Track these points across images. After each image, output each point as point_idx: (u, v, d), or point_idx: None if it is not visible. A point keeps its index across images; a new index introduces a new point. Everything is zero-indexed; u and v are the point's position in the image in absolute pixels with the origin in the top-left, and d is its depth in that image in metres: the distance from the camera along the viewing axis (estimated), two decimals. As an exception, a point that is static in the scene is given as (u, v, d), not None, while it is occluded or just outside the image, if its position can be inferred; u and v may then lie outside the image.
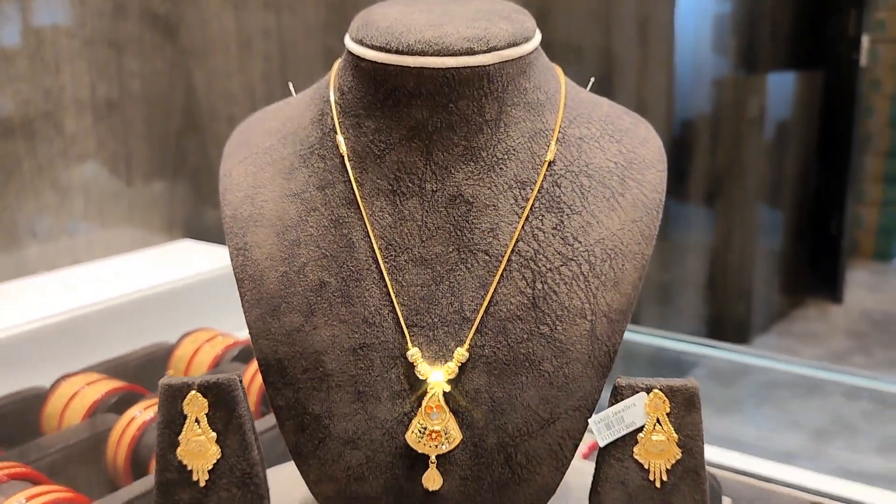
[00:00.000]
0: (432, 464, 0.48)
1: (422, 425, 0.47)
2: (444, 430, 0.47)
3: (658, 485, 0.48)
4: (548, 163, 0.50)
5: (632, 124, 0.55)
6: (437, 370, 0.48)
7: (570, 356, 0.48)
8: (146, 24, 1.33)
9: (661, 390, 0.48)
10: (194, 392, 0.50)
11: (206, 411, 0.50)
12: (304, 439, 0.49)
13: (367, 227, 0.50)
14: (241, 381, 0.50)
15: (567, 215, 0.50)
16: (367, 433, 0.48)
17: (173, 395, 0.50)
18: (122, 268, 1.26)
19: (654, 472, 0.48)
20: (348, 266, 0.50)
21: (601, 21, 2.35)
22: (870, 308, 3.18)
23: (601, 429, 0.48)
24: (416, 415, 0.47)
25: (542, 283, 0.49)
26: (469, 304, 0.49)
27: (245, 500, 0.50)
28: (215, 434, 0.50)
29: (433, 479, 0.48)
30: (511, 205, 0.49)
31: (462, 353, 0.48)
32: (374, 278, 0.49)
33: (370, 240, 0.50)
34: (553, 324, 0.48)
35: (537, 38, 0.53)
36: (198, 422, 0.50)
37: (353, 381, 0.49)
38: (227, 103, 1.47)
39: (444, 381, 0.48)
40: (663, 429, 0.48)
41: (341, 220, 0.50)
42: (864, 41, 3.03)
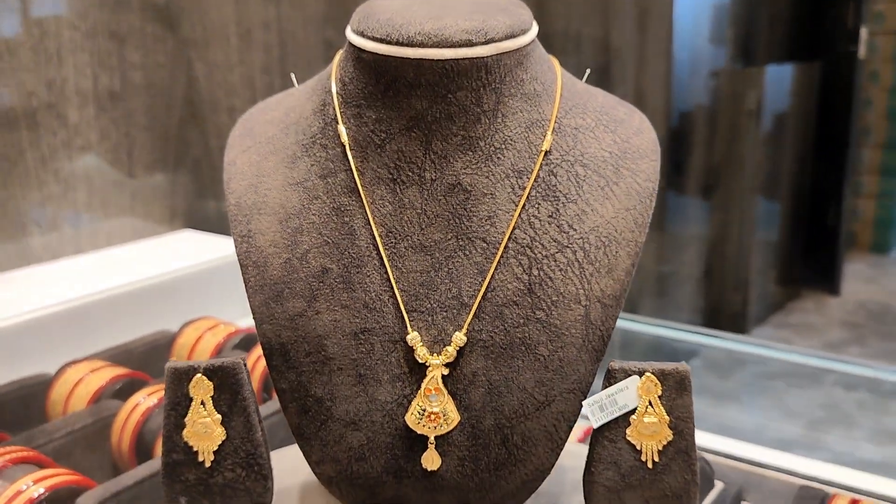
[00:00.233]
0: (431, 445, 0.49)
1: (421, 407, 0.49)
2: (442, 412, 0.49)
3: (650, 465, 0.50)
4: (544, 152, 0.52)
5: (626, 115, 0.57)
6: (435, 354, 0.49)
7: (564, 340, 0.49)
8: (147, 16, 1.34)
9: (652, 374, 0.49)
10: (200, 375, 0.51)
11: (212, 394, 0.51)
12: (306, 421, 0.51)
13: (367, 215, 0.51)
14: (246, 365, 0.52)
15: (562, 204, 0.51)
16: (367, 415, 0.50)
17: (179, 379, 0.51)
18: (125, 257, 1.27)
19: (646, 453, 0.50)
20: (350, 253, 0.51)
21: (600, 12, 2.35)
22: (866, 299, 3.20)
23: (595, 411, 0.49)
24: (416, 397, 0.49)
25: (537, 269, 0.50)
26: (467, 290, 0.50)
27: (249, 480, 0.52)
28: (220, 416, 0.51)
29: (432, 460, 0.49)
30: (508, 193, 0.51)
31: (460, 338, 0.49)
32: (375, 265, 0.51)
33: (371, 227, 0.51)
34: (548, 309, 0.50)
35: (534, 31, 0.54)
36: (203, 404, 0.51)
37: (355, 364, 0.50)
38: (227, 94, 1.48)
39: (443, 365, 0.49)
40: (655, 411, 0.49)
41: (343, 208, 0.52)
42: (863, 33, 3.04)
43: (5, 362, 0.97)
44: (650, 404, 0.49)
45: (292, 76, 0.62)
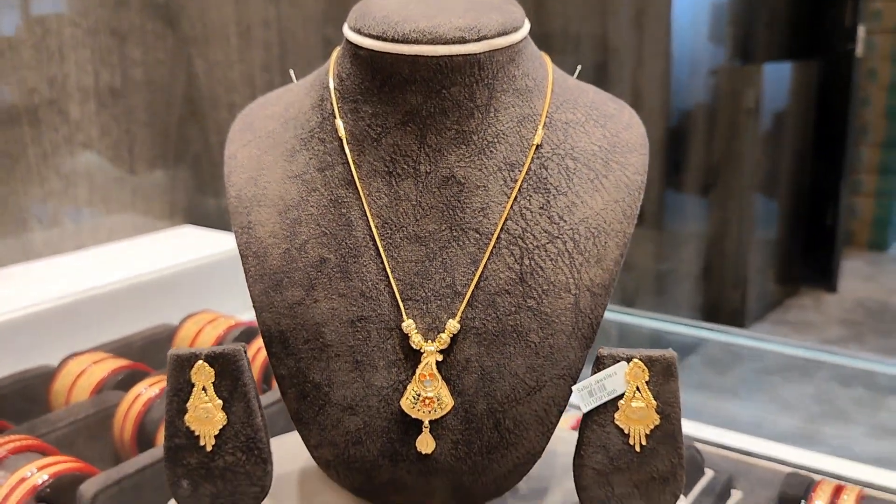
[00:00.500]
0: (425, 428, 0.51)
1: (416, 392, 0.50)
2: (436, 397, 0.50)
3: (638, 449, 0.51)
4: (535, 146, 0.53)
5: (616, 110, 0.58)
6: (430, 341, 0.51)
7: (555, 328, 0.51)
8: (148, 14, 1.35)
9: (640, 360, 0.51)
10: (201, 362, 0.53)
11: (213, 380, 0.53)
12: (305, 406, 0.52)
13: (364, 207, 0.53)
14: (246, 352, 0.53)
15: (553, 196, 0.53)
16: (364, 400, 0.51)
17: (181, 365, 0.53)
18: (126, 252, 1.28)
19: (634, 437, 0.51)
20: (347, 243, 0.53)
21: (598, 11, 2.37)
22: (864, 297, 3.21)
23: (584, 396, 0.51)
24: (411, 382, 0.50)
25: (529, 259, 0.52)
26: (460, 279, 0.51)
27: (249, 464, 0.53)
28: (221, 401, 0.53)
29: (426, 443, 0.51)
30: (500, 186, 0.52)
31: (454, 325, 0.51)
32: (371, 255, 0.52)
33: (367, 218, 0.52)
34: (539, 297, 0.51)
35: (526, 28, 0.55)
36: (205, 390, 0.53)
37: (352, 351, 0.51)
38: (227, 92, 1.49)
39: (437, 351, 0.51)
40: (642, 396, 0.51)
41: (340, 200, 0.53)
42: (861, 31, 3.05)
43: (8, 355, 0.99)
44: (638, 389, 0.51)
45: (291, 72, 0.63)
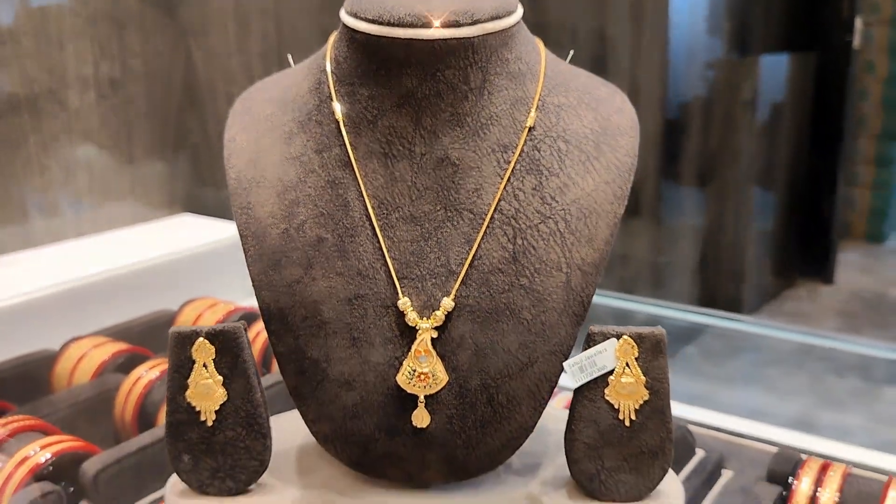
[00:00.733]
0: (421, 403, 0.52)
1: (411, 368, 0.52)
2: (431, 373, 0.51)
3: (627, 423, 0.53)
4: (528, 128, 0.54)
5: (608, 94, 0.59)
6: (425, 318, 0.52)
7: (547, 305, 0.52)
8: (147, 3, 1.36)
9: (630, 337, 0.52)
10: (202, 339, 0.54)
11: (213, 357, 0.54)
12: (303, 381, 0.54)
13: (361, 188, 0.54)
14: (246, 330, 0.55)
15: (545, 177, 0.54)
16: (361, 376, 0.53)
17: (183, 342, 0.54)
18: (126, 240, 1.30)
19: (624, 412, 0.53)
20: (344, 223, 0.54)
21: (596, 3, 2.37)
22: (860, 289, 3.22)
23: (575, 371, 0.52)
24: (406, 358, 0.52)
25: (521, 239, 0.53)
26: (455, 258, 0.53)
27: (249, 439, 0.55)
28: (222, 378, 0.54)
29: (421, 418, 0.52)
30: (494, 167, 0.54)
31: (448, 303, 0.52)
32: (368, 234, 0.53)
33: (364, 199, 0.54)
34: (531, 276, 0.52)
35: (519, 13, 0.56)
36: (205, 366, 0.54)
37: (349, 328, 0.53)
38: (226, 81, 1.50)
39: (432, 328, 0.52)
40: (632, 372, 0.52)
41: (337, 181, 0.54)
42: (858, 23, 3.05)
43: (10, 339, 1.00)
44: (627, 365, 0.52)
45: (289, 57, 0.64)
